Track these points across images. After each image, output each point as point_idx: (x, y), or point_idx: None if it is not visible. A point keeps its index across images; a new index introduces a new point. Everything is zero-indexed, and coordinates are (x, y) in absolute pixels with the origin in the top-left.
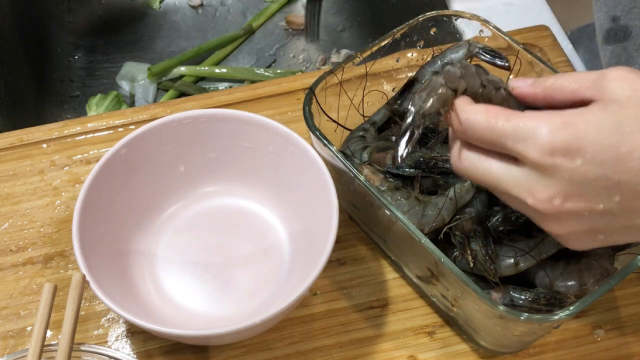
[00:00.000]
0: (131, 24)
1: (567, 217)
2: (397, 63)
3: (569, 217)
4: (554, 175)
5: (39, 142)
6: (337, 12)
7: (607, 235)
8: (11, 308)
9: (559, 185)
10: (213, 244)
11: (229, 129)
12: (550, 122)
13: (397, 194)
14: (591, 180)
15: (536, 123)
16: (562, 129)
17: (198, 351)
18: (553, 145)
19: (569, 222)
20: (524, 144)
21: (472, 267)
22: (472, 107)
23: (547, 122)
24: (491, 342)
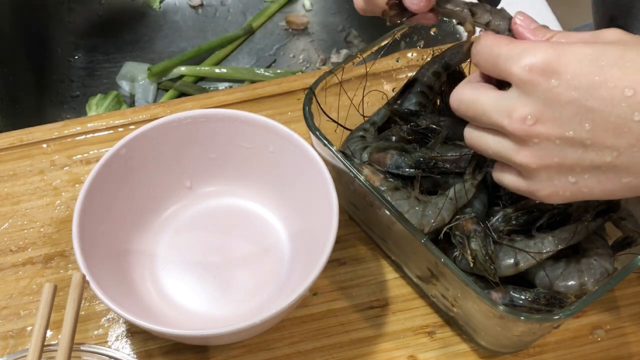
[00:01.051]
0: (131, 24)
1: (539, 143)
2: (397, 63)
3: (541, 144)
4: (530, 93)
5: (39, 142)
6: (337, 12)
7: (578, 177)
8: (11, 308)
9: (534, 104)
10: (213, 244)
11: (229, 129)
12: (537, 46)
13: (397, 194)
14: (564, 103)
15: (527, 45)
16: (546, 51)
17: (198, 351)
18: (533, 63)
19: (540, 150)
20: (510, 61)
21: (472, 267)
22: (487, 34)
23: (535, 46)
24: (491, 342)
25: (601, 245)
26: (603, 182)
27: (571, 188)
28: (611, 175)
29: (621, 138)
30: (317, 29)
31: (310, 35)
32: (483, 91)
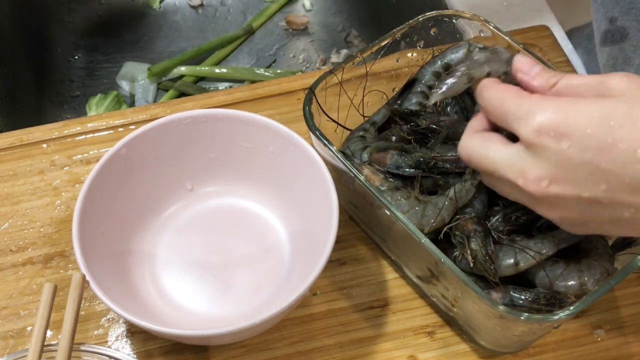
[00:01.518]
0: (131, 24)
1: (556, 202)
2: (397, 63)
3: (558, 202)
4: (541, 156)
5: (39, 142)
6: (337, 12)
7: (598, 225)
8: (11, 308)
9: (547, 166)
10: (213, 244)
11: (229, 129)
12: (545, 106)
13: (397, 194)
14: (577, 165)
15: (534, 105)
16: (554, 112)
17: (198, 351)
18: (541, 126)
19: (558, 207)
20: (519, 122)
21: (472, 267)
22: (495, 85)
23: (542, 105)
24: (491, 342)
25: (601, 245)
26: (623, 229)
27: (592, 230)
28: (631, 225)
29: (637, 196)
30: (317, 29)
31: (310, 35)
32: (493, 146)
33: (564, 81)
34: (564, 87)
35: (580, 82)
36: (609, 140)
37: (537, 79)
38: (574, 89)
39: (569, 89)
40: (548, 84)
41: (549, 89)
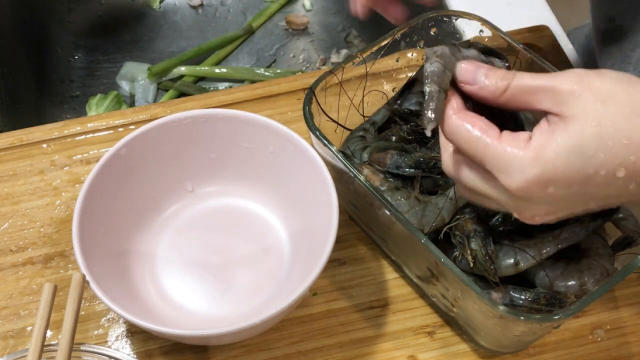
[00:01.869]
0: (131, 24)
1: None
2: (397, 63)
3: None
4: (532, 201)
5: (39, 142)
6: (337, 12)
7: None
8: (11, 308)
9: (538, 207)
10: (213, 244)
11: (228, 129)
12: (520, 158)
13: (397, 194)
14: (566, 198)
15: (509, 157)
16: (533, 165)
17: (198, 351)
18: (527, 180)
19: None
20: (501, 175)
21: (472, 267)
22: (460, 118)
23: (518, 158)
24: (491, 342)
25: (601, 245)
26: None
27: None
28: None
29: (622, 197)
30: (317, 29)
31: (310, 35)
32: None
33: (516, 83)
34: (518, 92)
35: (535, 87)
36: (590, 171)
37: (484, 89)
38: (530, 96)
39: (525, 95)
40: (498, 90)
41: (500, 95)
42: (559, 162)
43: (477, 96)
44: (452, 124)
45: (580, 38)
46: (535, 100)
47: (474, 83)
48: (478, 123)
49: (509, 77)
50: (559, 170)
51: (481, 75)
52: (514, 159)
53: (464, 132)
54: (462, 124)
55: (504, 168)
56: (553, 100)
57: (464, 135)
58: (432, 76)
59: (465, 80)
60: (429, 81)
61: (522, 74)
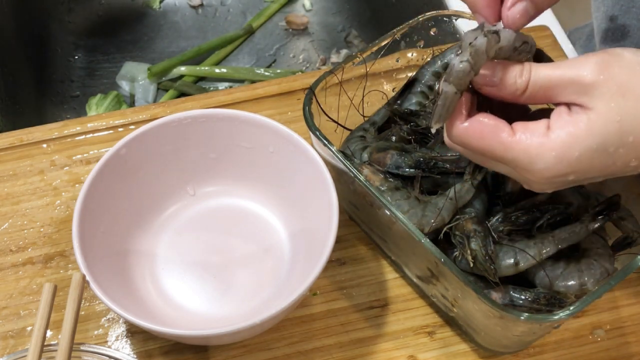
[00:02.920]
0: (131, 24)
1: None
2: (397, 63)
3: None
4: (549, 184)
5: (39, 142)
6: (337, 12)
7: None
8: (11, 308)
9: (553, 187)
10: (213, 244)
11: (229, 129)
12: (543, 156)
13: (397, 194)
14: (581, 181)
15: (531, 155)
16: (556, 163)
17: (198, 351)
18: (550, 176)
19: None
20: (522, 170)
21: (472, 267)
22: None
23: (541, 156)
24: (491, 342)
25: (601, 245)
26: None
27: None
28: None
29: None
30: (317, 29)
31: (310, 35)
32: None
33: (534, 80)
34: (537, 89)
35: (554, 81)
36: (609, 163)
37: (505, 89)
38: (550, 91)
39: (544, 91)
40: (518, 89)
41: (521, 94)
42: (583, 159)
43: (498, 97)
44: (459, 134)
45: (580, 38)
46: (557, 94)
47: (494, 84)
48: (486, 127)
49: (527, 73)
50: (582, 164)
51: (498, 75)
52: (537, 157)
53: (474, 141)
54: (470, 133)
55: (527, 166)
56: (574, 91)
57: (474, 143)
58: (455, 75)
59: (484, 82)
60: (450, 80)
61: (537, 67)
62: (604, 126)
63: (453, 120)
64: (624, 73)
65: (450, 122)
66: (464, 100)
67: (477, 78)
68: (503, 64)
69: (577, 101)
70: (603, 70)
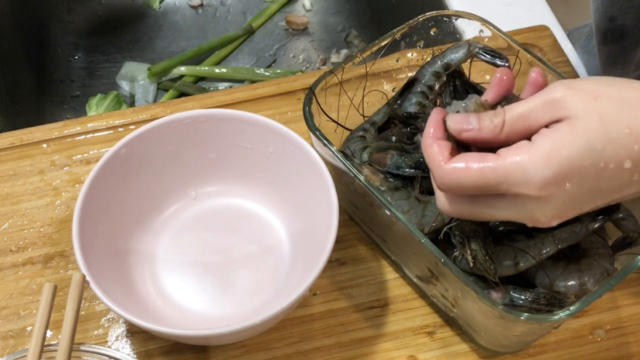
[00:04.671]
0: (131, 24)
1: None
2: (397, 63)
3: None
4: (549, 202)
5: (39, 142)
6: (337, 12)
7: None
8: (11, 308)
9: (556, 208)
10: (213, 244)
11: (228, 129)
12: (533, 162)
13: (397, 194)
14: (580, 196)
15: (522, 166)
16: (547, 165)
17: (198, 351)
18: (545, 182)
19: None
20: (517, 187)
21: (472, 267)
22: (453, 166)
23: (531, 163)
24: (491, 342)
25: (601, 245)
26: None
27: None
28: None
29: (625, 190)
30: (317, 29)
31: (310, 35)
32: (484, 206)
33: (510, 115)
34: (515, 121)
35: (528, 109)
36: (601, 165)
37: (483, 131)
38: (527, 119)
39: (522, 121)
40: (496, 127)
41: (500, 131)
42: (573, 157)
43: (478, 140)
44: (449, 176)
45: (580, 38)
46: (534, 121)
47: (471, 129)
48: (471, 158)
49: (501, 113)
50: (574, 165)
51: (473, 121)
52: (528, 165)
53: (465, 176)
54: (457, 169)
55: (520, 179)
56: (550, 112)
57: (466, 178)
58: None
59: (462, 128)
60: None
61: (510, 106)
62: (586, 124)
63: (438, 166)
64: (589, 83)
65: (435, 169)
66: (444, 146)
67: (453, 125)
68: (474, 113)
69: (555, 117)
70: (570, 85)
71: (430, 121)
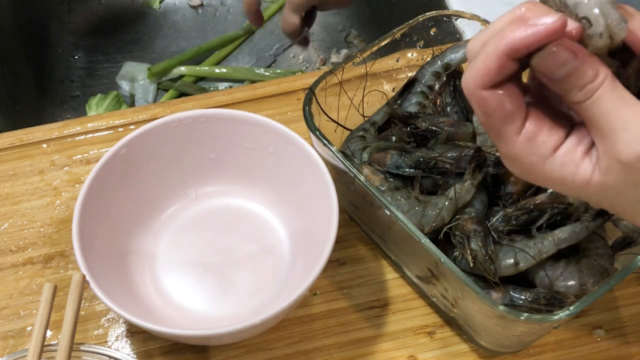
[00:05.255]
0: (131, 24)
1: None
2: (397, 63)
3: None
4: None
5: (39, 142)
6: (337, 12)
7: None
8: (11, 308)
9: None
10: (213, 244)
11: (228, 129)
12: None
13: (397, 194)
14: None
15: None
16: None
17: (198, 351)
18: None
19: None
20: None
21: (472, 267)
22: (484, 98)
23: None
24: (491, 342)
25: (601, 245)
26: None
27: None
28: None
29: None
30: (317, 29)
31: (311, 35)
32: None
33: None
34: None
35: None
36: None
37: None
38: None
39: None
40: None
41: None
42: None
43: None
44: (476, 96)
45: None
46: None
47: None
48: (502, 106)
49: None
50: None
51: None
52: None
53: (482, 114)
54: (483, 104)
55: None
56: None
57: (482, 118)
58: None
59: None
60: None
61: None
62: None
63: (482, 79)
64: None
65: (476, 79)
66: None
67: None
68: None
69: None
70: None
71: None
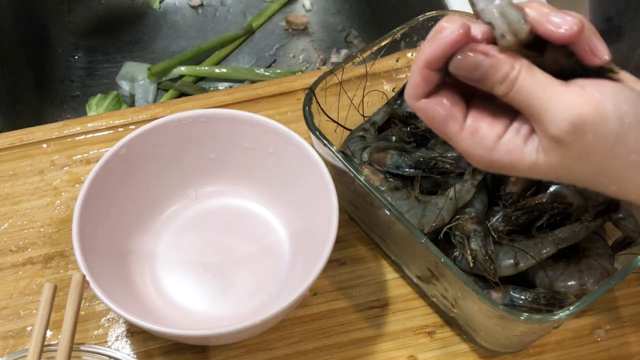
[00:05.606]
0: (131, 24)
1: None
2: (397, 63)
3: None
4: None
5: (39, 142)
6: (337, 12)
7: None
8: (11, 308)
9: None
10: (213, 244)
11: (228, 129)
12: (576, 97)
13: (397, 194)
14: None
15: (562, 96)
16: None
17: (198, 351)
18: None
19: None
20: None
21: (472, 267)
22: (425, 107)
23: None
24: (491, 342)
25: (601, 245)
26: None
27: None
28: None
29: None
30: (317, 29)
31: (310, 35)
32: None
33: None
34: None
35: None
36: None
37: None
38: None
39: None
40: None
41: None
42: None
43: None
44: (417, 108)
45: None
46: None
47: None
48: (439, 112)
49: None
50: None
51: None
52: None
53: (427, 121)
54: (423, 113)
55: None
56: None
57: (428, 124)
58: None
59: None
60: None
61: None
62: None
63: (414, 91)
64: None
65: (410, 92)
66: (428, 77)
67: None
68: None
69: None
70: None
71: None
